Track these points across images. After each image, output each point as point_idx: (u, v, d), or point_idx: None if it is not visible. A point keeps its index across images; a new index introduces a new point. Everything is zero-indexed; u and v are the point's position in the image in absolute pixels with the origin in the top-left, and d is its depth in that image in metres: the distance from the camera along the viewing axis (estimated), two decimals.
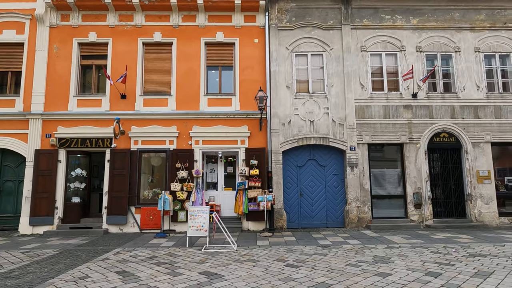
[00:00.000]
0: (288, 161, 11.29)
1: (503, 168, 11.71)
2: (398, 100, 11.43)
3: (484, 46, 11.80)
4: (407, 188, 11.09)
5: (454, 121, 11.38)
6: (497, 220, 10.99)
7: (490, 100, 11.54)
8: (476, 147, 11.31)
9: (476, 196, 11.08)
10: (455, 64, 11.69)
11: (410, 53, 11.67)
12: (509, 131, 11.41)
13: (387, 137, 11.24)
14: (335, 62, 11.54)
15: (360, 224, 10.80)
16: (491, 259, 6.49)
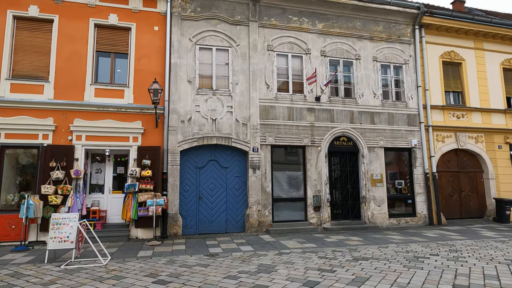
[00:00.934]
0: (187, 161, 10.41)
1: (394, 172, 12.47)
2: (302, 102, 11.39)
3: (381, 56, 12.46)
4: (307, 190, 11.06)
5: (353, 126, 11.75)
6: (387, 221, 11.58)
7: (385, 108, 12.20)
8: (371, 151, 11.82)
9: (370, 199, 11.55)
10: (355, 71, 12.11)
11: (315, 57, 11.75)
12: (399, 137, 12.17)
13: (290, 139, 11.09)
14: (241, 59, 11.05)
15: (260, 229, 10.40)
16: (372, 262, 6.47)
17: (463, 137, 12.89)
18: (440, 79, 13.07)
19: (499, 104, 13.65)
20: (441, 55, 13.22)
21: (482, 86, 13.54)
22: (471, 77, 13.46)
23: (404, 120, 12.35)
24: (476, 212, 13.01)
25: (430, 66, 12.99)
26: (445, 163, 12.91)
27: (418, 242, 8.64)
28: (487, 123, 13.33)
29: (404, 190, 12.31)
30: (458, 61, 13.40)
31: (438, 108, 12.82)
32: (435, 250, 7.57)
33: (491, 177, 13.04)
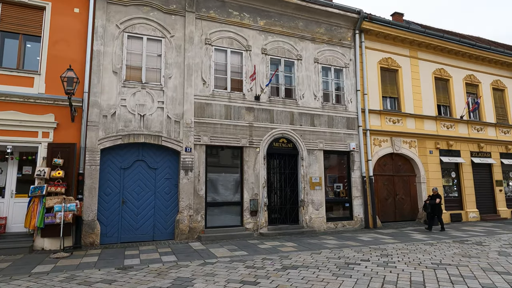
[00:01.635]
0: (110, 161, 9.28)
1: (333, 175, 12.38)
2: (241, 101, 10.82)
3: (323, 58, 12.35)
4: (244, 194, 10.47)
5: (293, 127, 11.42)
6: (324, 225, 11.39)
7: (325, 110, 12.07)
8: (311, 154, 11.59)
9: (308, 202, 11.27)
10: (296, 72, 11.84)
11: (256, 54, 11.27)
12: (338, 140, 12.10)
13: (227, 139, 10.44)
14: (176, 52, 10.20)
15: (191, 235, 9.58)
16: (300, 271, 6.00)
17: (398, 142, 13.21)
18: (378, 84, 13.31)
19: (431, 111, 14.27)
20: (379, 61, 13.49)
21: (416, 93, 14.06)
22: (406, 84, 13.91)
23: (344, 123, 12.32)
24: (409, 215, 13.38)
25: (369, 71, 13.17)
26: (381, 167, 13.12)
27: (351, 247, 8.43)
28: (420, 129, 13.84)
29: (342, 194, 12.26)
30: (395, 67, 13.78)
31: (375, 113, 13.02)
32: (366, 255, 7.35)
33: (423, 181, 13.52)
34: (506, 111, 16.43)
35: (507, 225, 12.79)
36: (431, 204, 11.54)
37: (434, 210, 11.49)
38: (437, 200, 11.46)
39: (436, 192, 11.78)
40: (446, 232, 10.91)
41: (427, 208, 11.65)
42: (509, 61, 16.42)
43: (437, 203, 11.46)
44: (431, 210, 11.51)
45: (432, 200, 11.56)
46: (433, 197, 11.66)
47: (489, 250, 7.82)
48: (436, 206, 11.48)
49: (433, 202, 11.50)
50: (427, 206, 11.62)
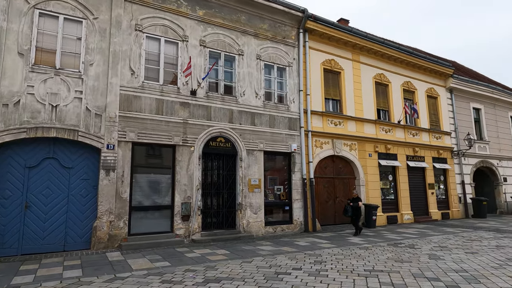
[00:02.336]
0: (11, 158, 7.86)
1: (274, 177, 11.91)
2: (175, 95, 9.91)
3: (265, 55, 11.86)
4: (176, 197, 9.55)
5: (232, 126, 10.75)
6: (263, 229, 10.84)
7: (266, 109, 11.57)
8: (250, 154, 11.00)
9: (246, 206, 10.65)
10: (237, 67, 11.20)
11: (194, 46, 10.44)
12: (280, 141, 11.67)
13: (158, 136, 9.46)
14: (100, 36, 9.02)
15: (111, 244, 8.44)
16: (223, 285, 5.29)
17: (339, 144, 13.14)
18: (321, 85, 13.15)
19: (371, 115, 14.47)
20: (323, 62, 13.35)
21: (357, 96, 14.16)
22: (348, 87, 13.95)
23: (285, 123, 11.93)
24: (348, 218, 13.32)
25: (312, 72, 12.96)
26: (322, 169, 12.95)
27: (286, 253, 7.92)
28: (360, 132, 13.94)
29: (283, 197, 11.83)
30: (337, 70, 13.75)
31: (318, 114, 12.83)
32: (300, 263, 6.86)
33: (362, 184, 13.60)
34: (438, 117, 17.31)
35: (437, 226, 13.28)
36: (353, 207, 11.03)
37: (356, 213, 11.04)
38: (359, 204, 11.10)
39: (356, 195, 11.42)
40: (381, 235, 10.93)
41: (347, 211, 11.05)
42: (441, 70, 17.34)
43: (359, 206, 11.09)
44: (352, 214, 11.04)
45: (355, 203, 11.04)
46: (354, 200, 11.17)
47: (421, 254, 7.77)
48: (358, 210, 11.09)
49: (356, 205, 11.01)
50: (348, 210, 11.03)
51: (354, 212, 11.04)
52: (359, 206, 11.09)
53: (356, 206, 11.04)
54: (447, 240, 9.84)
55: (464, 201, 17.23)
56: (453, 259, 7.12)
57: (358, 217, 11.14)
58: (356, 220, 11.08)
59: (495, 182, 19.43)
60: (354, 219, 11.09)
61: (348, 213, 11.04)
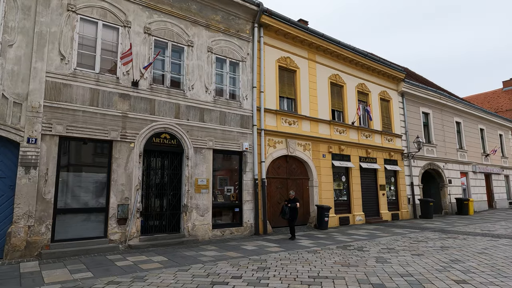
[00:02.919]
0: None
1: (224, 177, 11.29)
2: (114, 85, 8.96)
3: (217, 49, 11.22)
4: (111, 198, 8.60)
5: (178, 122, 9.98)
6: (210, 233, 10.17)
7: (217, 105, 10.93)
8: (198, 153, 10.29)
9: (192, 208, 9.92)
10: (186, 59, 10.46)
11: (137, 33, 9.55)
12: (231, 139, 11.08)
13: (91, 130, 8.47)
14: (22, 14, 7.87)
15: (29, 252, 7.34)
16: None
17: (293, 144, 12.82)
18: (275, 83, 12.76)
19: (326, 115, 14.34)
20: (278, 59, 12.98)
21: (312, 96, 13.95)
22: (304, 86, 13.70)
23: (237, 121, 11.36)
24: (301, 219, 13.02)
25: (267, 69, 12.53)
26: (275, 170, 12.54)
27: (230, 259, 7.33)
28: (314, 132, 13.73)
29: (233, 198, 11.24)
30: (293, 68, 13.44)
31: (272, 112, 12.41)
32: (241, 270, 6.30)
33: (315, 185, 13.38)
34: (390, 120, 17.67)
35: (387, 227, 13.39)
36: (291, 208, 10.25)
37: (293, 215, 10.29)
38: (297, 204, 10.32)
39: (293, 195, 10.55)
40: (332, 237, 10.70)
41: (285, 213, 10.25)
42: (394, 74, 17.74)
43: (297, 207, 10.33)
44: (290, 216, 10.28)
45: (293, 204, 10.27)
46: (291, 201, 10.39)
47: (368, 257, 7.53)
48: (295, 211, 10.34)
49: (293, 206, 10.24)
50: (285, 211, 10.24)
51: (291, 213, 10.32)
52: (297, 207, 10.37)
53: (294, 207, 10.30)
54: (395, 241, 9.80)
55: (412, 202, 17.72)
56: (399, 262, 6.94)
57: (295, 219, 10.49)
58: (292, 222, 10.42)
59: (441, 183, 20.28)
60: (291, 221, 10.41)
61: (286, 214, 10.30)
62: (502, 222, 15.06)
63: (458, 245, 8.96)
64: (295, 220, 10.55)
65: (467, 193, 22.21)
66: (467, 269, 6.29)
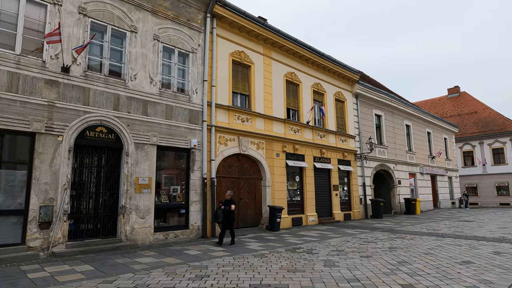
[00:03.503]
0: None
1: (171, 176, 10.48)
2: (39, 70, 7.83)
3: (165, 37, 10.39)
4: (32, 199, 7.47)
5: (117, 114, 9.02)
6: (151, 237, 9.31)
7: (163, 98, 10.09)
8: (140, 149, 9.39)
9: (131, 209, 9.00)
10: (129, 46, 9.52)
11: (70, 13, 8.46)
12: (178, 135, 10.29)
13: (8, 120, 7.30)
14: None
15: None
16: None
17: (245, 142, 12.28)
18: (228, 78, 12.15)
19: (281, 113, 13.99)
20: (232, 53, 12.38)
21: (267, 93, 13.53)
22: (259, 83, 13.23)
23: (186, 116, 10.60)
24: (253, 220, 12.58)
25: (219, 62, 11.89)
26: (226, 169, 11.93)
27: (167, 266, 6.60)
28: (269, 130, 13.31)
29: (179, 198, 10.46)
30: (248, 63, 12.92)
31: (224, 108, 11.78)
32: (177, 279, 5.61)
33: (268, 185, 12.95)
34: (345, 121, 17.79)
35: (339, 228, 13.31)
36: (225, 211, 9.04)
37: (228, 218, 9.12)
38: (232, 207, 9.13)
39: (230, 196, 9.37)
40: (283, 239, 10.30)
41: (218, 217, 9.00)
42: (349, 76, 17.88)
43: (232, 210, 9.16)
44: (223, 219, 9.04)
45: (227, 206, 9.09)
46: (227, 202, 9.21)
47: (317, 260, 7.16)
48: (231, 214, 9.18)
49: (228, 209, 9.06)
50: (219, 215, 8.99)
51: (226, 217, 9.08)
52: (232, 210, 9.14)
53: (228, 209, 9.06)
54: (346, 242, 9.59)
55: (364, 202, 17.97)
56: (347, 266, 6.62)
57: (231, 224, 9.19)
58: (227, 227, 9.17)
59: (391, 184, 20.86)
60: (225, 226, 9.16)
61: (218, 218, 9.01)
62: (446, 221, 15.67)
63: (406, 246, 8.93)
64: (232, 225, 9.29)
65: (414, 194, 23.12)
66: (414, 272, 6.10)
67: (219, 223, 9.30)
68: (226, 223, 9.19)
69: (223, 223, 9.21)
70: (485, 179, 34.57)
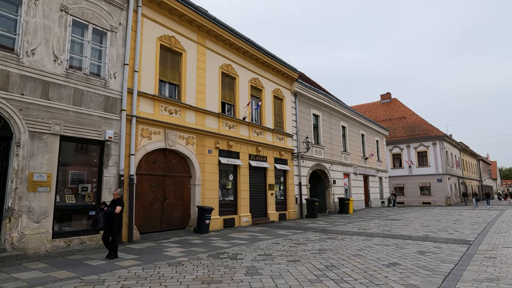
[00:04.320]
0: None
1: (80, 173, 8.98)
2: None
3: (76, 10, 8.87)
4: None
5: (6, 96, 7.37)
6: (48, 244, 7.78)
7: (71, 80, 8.58)
8: (37, 139, 7.81)
9: (21, 211, 7.41)
10: (25, 15, 7.87)
11: None
12: (89, 125, 8.84)
13: None
14: None
15: None
16: None
17: (173, 136, 11.14)
18: (155, 64, 10.92)
19: (215, 107, 13.07)
20: (161, 37, 11.17)
21: (200, 84, 12.52)
22: (191, 72, 12.17)
23: (100, 103, 9.18)
24: (179, 222, 11.47)
25: (145, 46, 10.62)
26: (150, 165, 10.69)
27: (52, 283, 5.30)
28: (200, 125, 12.31)
29: (89, 198, 9.01)
30: (179, 50, 11.79)
31: (148, 97, 10.53)
32: None
33: (198, 183, 11.95)
34: (283, 119, 17.42)
35: (272, 228, 12.77)
36: (107, 213, 6.95)
37: (111, 224, 7.00)
38: (117, 209, 7.01)
39: (120, 195, 7.30)
40: (209, 242, 9.37)
41: (98, 222, 6.86)
42: (288, 73, 17.57)
43: (116, 213, 7.04)
44: (105, 225, 6.92)
45: (110, 208, 7.04)
46: (113, 203, 7.21)
47: (239, 267, 6.38)
48: (115, 218, 7.07)
49: (110, 211, 6.99)
50: (99, 220, 6.85)
51: (109, 222, 6.97)
52: (116, 213, 7.04)
53: (111, 212, 6.99)
54: (276, 245, 8.99)
55: (300, 202, 17.78)
56: (271, 272, 5.93)
57: (114, 231, 7.08)
58: (110, 235, 7.05)
59: (326, 184, 21.08)
60: (108, 233, 7.06)
61: (98, 224, 6.88)
62: (375, 220, 16.03)
63: (336, 247, 8.57)
64: (116, 233, 7.14)
65: (348, 193, 23.73)
66: (341, 278, 5.60)
67: (99, 230, 7.31)
68: (108, 230, 7.06)
69: (105, 230, 7.09)
70: (411, 180, 37.19)
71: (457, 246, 8.58)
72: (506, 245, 8.48)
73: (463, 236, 10.36)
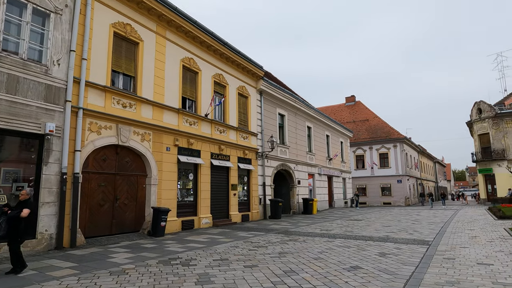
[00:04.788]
0: None
1: (14, 170, 7.96)
2: None
3: None
4: None
5: None
6: None
7: (4, 65, 7.55)
8: None
9: None
10: None
11: None
12: (27, 116, 7.84)
13: None
14: None
15: None
16: None
17: (126, 132, 10.29)
18: (108, 52, 10.03)
19: (174, 102, 12.32)
20: (114, 24, 10.29)
21: (159, 77, 11.73)
22: (148, 64, 11.36)
23: (40, 92, 8.19)
24: (132, 225, 10.63)
25: (96, 32, 9.71)
26: (99, 163, 9.78)
27: None
28: (158, 120, 11.52)
29: None
30: (135, 39, 10.95)
31: (98, 88, 9.63)
32: None
33: (154, 183, 11.16)
34: (247, 117, 16.96)
35: (233, 230, 12.24)
36: (10, 217, 5.70)
37: (14, 229, 5.73)
38: (24, 212, 5.70)
39: (26, 195, 6.04)
40: (162, 246, 8.67)
41: None
42: (253, 70, 17.15)
43: (22, 217, 5.71)
44: (7, 232, 5.75)
45: (14, 212, 5.75)
46: (19, 205, 5.93)
47: (190, 275, 5.79)
48: (20, 223, 5.76)
49: (13, 214, 5.71)
50: (0, 226, 5.71)
51: (12, 228, 5.73)
52: (22, 217, 5.72)
53: (14, 215, 5.71)
54: (234, 248, 8.46)
55: (263, 203, 17.40)
56: (225, 281, 5.40)
57: (14, 238, 5.78)
58: (12, 243, 5.79)
59: (291, 184, 20.88)
60: (11, 241, 5.79)
61: (1, 230, 5.73)
62: (338, 221, 15.98)
63: (297, 250, 8.20)
64: (16, 239, 5.80)
65: (312, 194, 23.71)
66: (299, 284, 5.18)
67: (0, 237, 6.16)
68: (10, 237, 5.79)
69: (8, 237, 5.81)
70: (373, 181, 38.17)
71: (416, 246, 8.52)
72: (463, 245, 8.53)
73: (422, 236, 10.41)
